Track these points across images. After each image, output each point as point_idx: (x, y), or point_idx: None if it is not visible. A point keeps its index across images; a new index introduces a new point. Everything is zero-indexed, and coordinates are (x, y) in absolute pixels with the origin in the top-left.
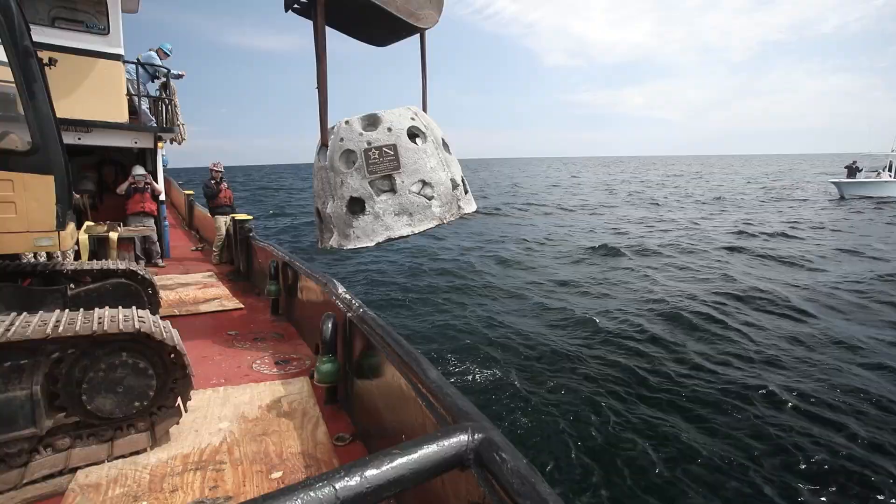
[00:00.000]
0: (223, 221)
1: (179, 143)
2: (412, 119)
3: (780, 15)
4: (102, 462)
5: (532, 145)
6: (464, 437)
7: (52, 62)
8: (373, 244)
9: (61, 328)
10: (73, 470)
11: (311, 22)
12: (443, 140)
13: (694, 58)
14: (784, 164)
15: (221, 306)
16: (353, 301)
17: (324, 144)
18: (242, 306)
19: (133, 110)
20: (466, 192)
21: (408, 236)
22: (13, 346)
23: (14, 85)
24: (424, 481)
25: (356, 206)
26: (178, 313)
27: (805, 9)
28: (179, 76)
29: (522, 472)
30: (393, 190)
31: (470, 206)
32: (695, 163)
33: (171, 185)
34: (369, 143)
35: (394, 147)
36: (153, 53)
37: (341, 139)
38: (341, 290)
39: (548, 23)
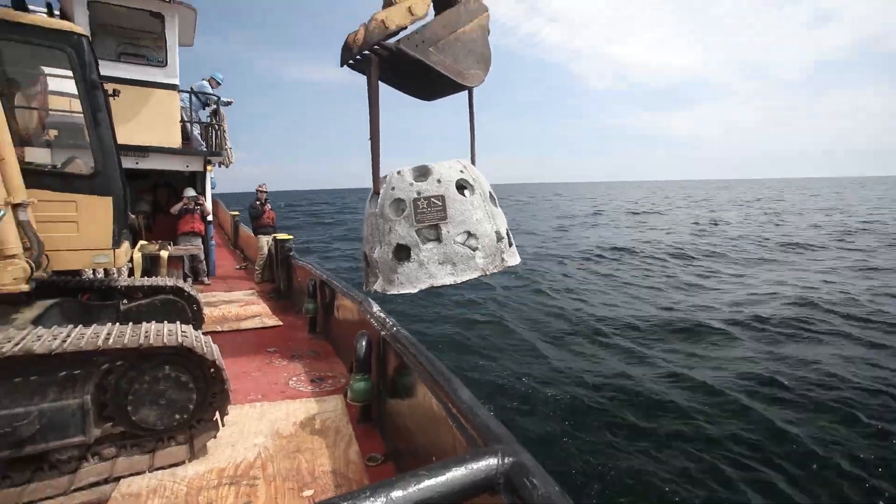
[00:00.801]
0: (265, 241)
1: (227, 166)
2: (461, 172)
3: (839, 34)
4: (144, 472)
5: (575, 170)
6: (494, 461)
7: (115, 93)
8: (415, 290)
9: (111, 340)
10: (117, 479)
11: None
12: (490, 193)
13: (744, 79)
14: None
15: (262, 323)
16: (388, 320)
17: (375, 192)
18: (281, 324)
19: (185, 136)
20: (511, 245)
21: (450, 285)
22: (69, 356)
23: (81, 114)
24: None
25: (402, 252)
26: (220, 329)
27: (867, 27)
28: (228, 103)
29: (554, 500)
30: (438, 239)
31: (513, 258)
32: (785, 186)
33: (218, 206)
34: (419, 193)
35: (442, 198)
36: (205, 83)
37: (392, 188)
38: (376, 308)
39: (591, 48)
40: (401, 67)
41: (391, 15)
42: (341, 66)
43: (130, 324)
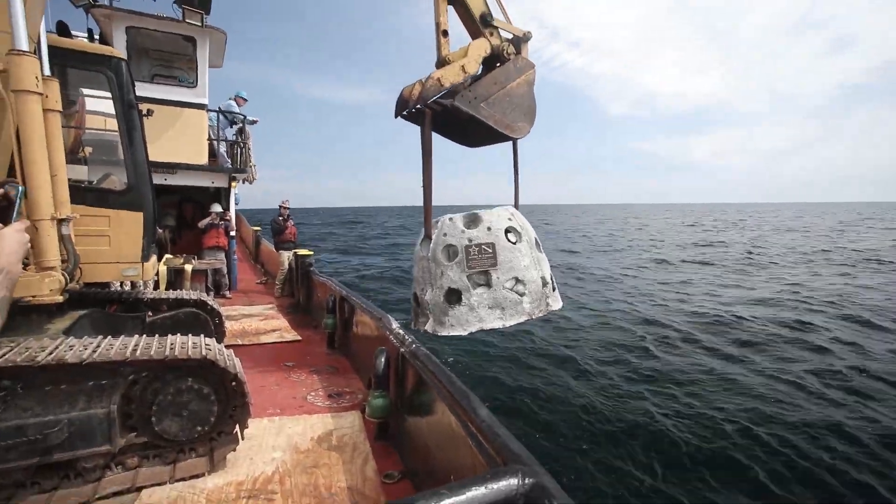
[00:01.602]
0: (286, 256)
1: (251, 183)
2: (509, 220)
3: (860, 58)
4: (165, 483)
5: (592, 192)
6: (514, 481)
7: (149, 113)
8: (465, 333)
9: (139, 352)
10: (139, 489)
11: (418, 126)
12: (536, 240)
13: (765, 105)
14: None
15: (281, 338)
16: (407, 337)
17: (427, 237)
18: (300, 338)
19: (212, 153)
20: (554, 290)
21: (498, 329)
22: (97, 366)
23: (114, 132)
24: None
25: (453, 296)
26: (240, 343)
27: (886, 50)
28: (254, 122)
29: None
30: (488, 284)
31: (556, 303)
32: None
33: (241, 221)
34: (470, 241)
35: (492, 245)
36: (232, 102)
37: (444, 234)
38: (395, 325)
39: (612, 74)
40: (450, 119)
41: (446, 74)
42: (396, 117)
43: (156, 336)
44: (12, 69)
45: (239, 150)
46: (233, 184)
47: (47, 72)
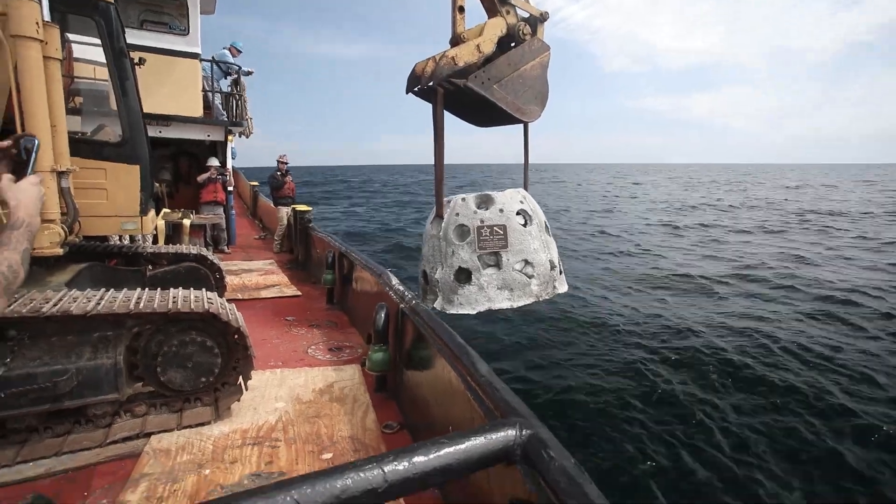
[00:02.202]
0: (285, 212)
1: (247, 137)
2: (521, 202)
3: (867, 15)
4: (172, 430)
5: (590, 151)
6: (512, 432)
7: (141, 62)
8: (474, 312)
9: (142, 305)
10: (148, 435)
11: (429, 101)
12: (545, 223)
13: (768, 62)
14: None
15: (280, 293)
16: (407, 293)
17: (438, 216)
18: (300, 294)
19: (207, 105)
20: (561, 273)
21: (506, 309)
22: (102, 318)
23: (109, 82)
24: (470, 473)
25: (463, 275)
26: (241, 297)
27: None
28: (249, 73)
29: (570, 472)
30: (498, 266)
31: (563, 286)
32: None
33: (238, 176)
34: (482, 221)
35: (504, 227)
36: (226, 51)
37: (457, 214)
38: (395, 281)
39: (613, 28)
40: (462, 99)
41: (461, 53)
42: (407, 93)
43: (158, 289)
44: (12, 13)
45: (234, 102)
46: (229, 137)
47: (47, 17)
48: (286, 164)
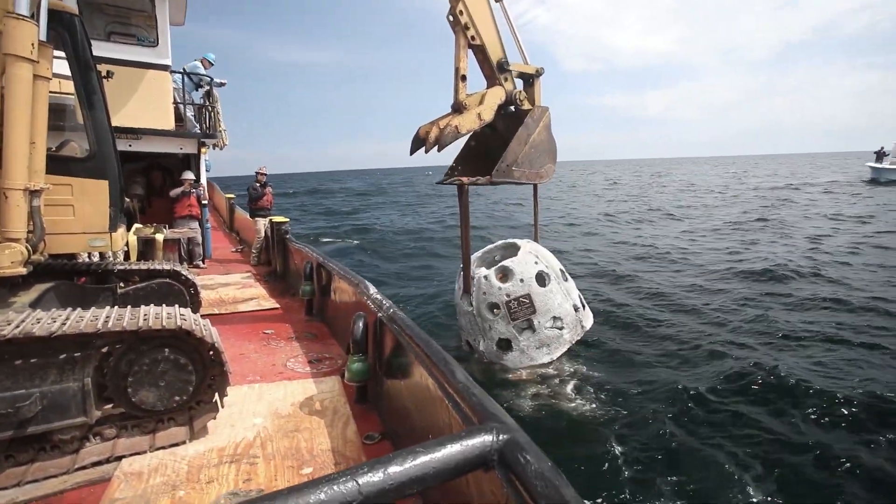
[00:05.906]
0: (262, 224)
1: (221, 149)
2: (536, 264)
3: (803, 16)
4: (145, 452)
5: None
6: (488, 438)
7: (109, 74)
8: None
9: (110, 323)
10: (119, 458)
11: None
12: (561, 270)
13: (714, 59)
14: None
15: (259, 306)
16: (384, 301)
17: (466, 291)
18: (278, 306)
19: (179, 117)
20: (584, 307)
21: (548, 363)
22: (68, 339)
23: (75, 96)
24: (448, 480)
25: (503, 344)
26: (218, 312)
27: (827, 11)
28: (221, 84)
29: (546, 475)
30: (531, 328)
31: (588, 320)
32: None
33: (213, 189)
34: (508, 296)
35: (529, 296)
36: (198, 63)
37: (484, 293)
38: (373, 290)
39: (571, 28)
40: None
41: (463, 122)
42: (411, 154)
43: (129, 307)
44: (9, 31)
45: (207, 114)
46: (203, 150)
47: (43, 37)
48: (266, 175)
